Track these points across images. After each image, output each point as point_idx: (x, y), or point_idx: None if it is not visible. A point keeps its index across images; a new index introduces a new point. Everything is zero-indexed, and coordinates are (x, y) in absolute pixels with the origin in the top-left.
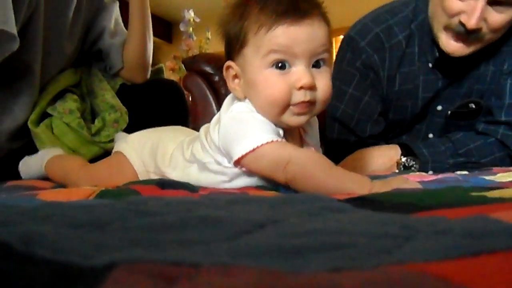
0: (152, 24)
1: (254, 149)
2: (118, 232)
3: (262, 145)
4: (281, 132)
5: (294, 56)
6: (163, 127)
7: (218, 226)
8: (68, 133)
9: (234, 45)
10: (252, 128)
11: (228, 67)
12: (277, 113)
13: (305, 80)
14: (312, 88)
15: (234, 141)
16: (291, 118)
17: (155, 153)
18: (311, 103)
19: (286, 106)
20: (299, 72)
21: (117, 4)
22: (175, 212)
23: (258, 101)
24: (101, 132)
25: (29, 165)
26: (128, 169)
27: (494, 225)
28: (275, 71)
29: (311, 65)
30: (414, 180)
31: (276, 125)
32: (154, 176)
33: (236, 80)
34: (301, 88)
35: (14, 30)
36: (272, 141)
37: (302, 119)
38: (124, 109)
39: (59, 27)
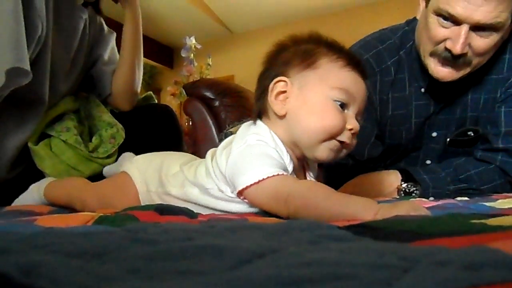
0: (154, 50)
1: (257, 182)
2: (117, 261)
3: (265, 178)
4: (290, 167)
5: (352, 103)
6: (168, 152)
7: (217, 255)
8: (66, 150)
9: (297, 63)
10: (260, 161)
11: (279, 81)
12: (321, 140)
13: (356, 126)
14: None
15: (240, 171)
16: (325, 152)
17: (159, 172)
18: (345, 147)
19: (333, 137)
20: (352, 118)
21: (114, 35)
22: (174, 241)
23: (307, 121)
24: (99, 149)
25: (25, 201)
26: (130, 188)
27: (493, 256)
28: (337, 106)
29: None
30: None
31: (297, 157)
32: (155, 196)
33: (282, 96)
34: (350, 130)
35: (28, 66)
36: (275, 175)
37: (331, 156)
38: (120, 125)
39: (65, 58)
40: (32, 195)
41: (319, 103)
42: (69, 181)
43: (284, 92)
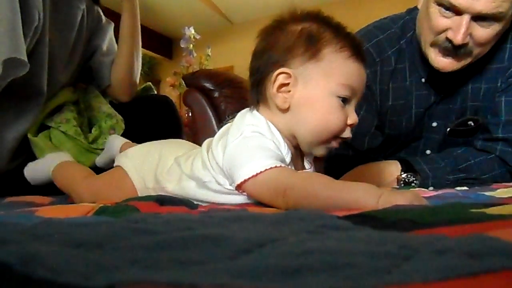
0: (153, 41)
1: (255, 175)
2: (117, 251)
3: (262, 171)
4: (288, 158)
5: (354, 97)
6: (164, 140)
7: (217, 245)
8: (66, 142)
9: (303, 49)
10: (257, 153)
11: (281, 73)
12: (323, 140)
13: (356, 120)
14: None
15: (237, 164)
16: (323, 151)
17: (155, 167)
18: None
19: (335, 137)
20: (352, 113)
21: (112, 25)
22: (174, 231)
23: (311, 121)
24: (98, 140)
25: (35, 171)
26: (128, 184)
27: (492, 244)
28: (340, 102)
29: None
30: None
31: (294, 147)
32: (152, 193)
33: (284, 88)
34: (351, 125)
35: (24, 57)
36: (273, 167)
37: (326, 152)
38: (119, 116)
39: (63, 49)
40: (43, 166)
41: (323, 101)
42: (72, 170)
43: (287, 84)
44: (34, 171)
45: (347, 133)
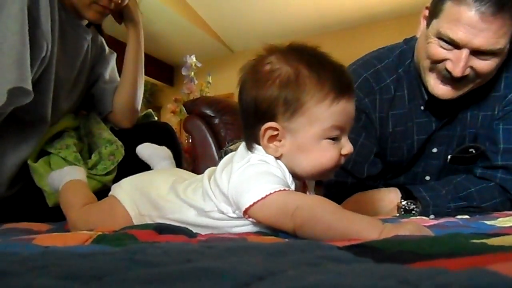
0: (155, 68)
1: (262, 198)
2: (115, 284)
3: (271, 194)
4: (292, 186)
5: (344, 131)
6: (153, 170)
7: (217, 278)
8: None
9: (283, 109)
10: (264, 178)
11: (269, 128)
12: (323, 176)
13: (351, 148)
14: None
15: (244, 189)
16: (328, 177)
17: (148, 195)
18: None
19: (334, 170)
20: (346, 143)
21: (115, 55)
22: (173, 263)
23: (306, 165)
24: (98, 166)
25: (54, 179)
26: (121, 213)
27: (491, 279)
28: (331, 142)
29: None
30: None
31: (296, 178)
32: (148, 219)
33: (276, 141)
34: (346, 155)
35: (30, 86)
36: (282, 189)
37: (333, 175)
38: (120, 142)
39: (68, 77)
40: (58, 177)
41: (314, 147)
42: (74, 195)
43: (276, 135)
44: (53, 178)
45: (341, 162)
